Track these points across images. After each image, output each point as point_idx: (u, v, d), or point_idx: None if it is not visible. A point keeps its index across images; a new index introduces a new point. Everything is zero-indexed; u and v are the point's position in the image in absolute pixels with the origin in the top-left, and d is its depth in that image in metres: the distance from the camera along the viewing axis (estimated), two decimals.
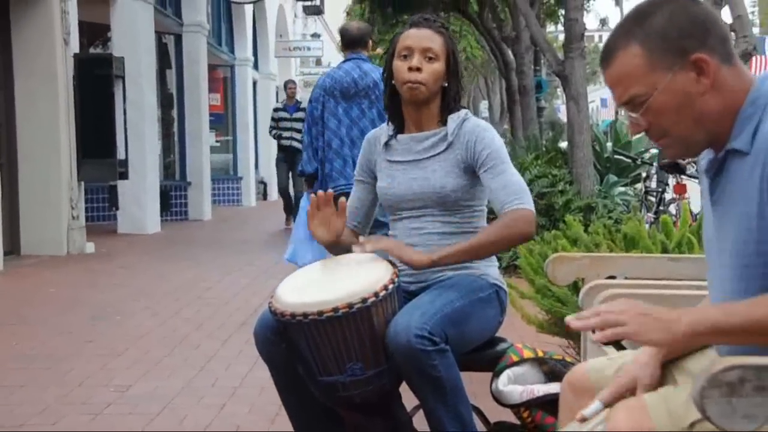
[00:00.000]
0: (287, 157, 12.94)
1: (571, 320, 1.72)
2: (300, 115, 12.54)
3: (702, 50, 1.66)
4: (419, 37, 2.78)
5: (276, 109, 13.48)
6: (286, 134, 12.87)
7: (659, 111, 1.69)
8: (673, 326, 1.61)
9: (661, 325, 1.62)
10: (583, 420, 1.73)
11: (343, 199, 2.81)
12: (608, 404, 1.72)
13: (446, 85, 2.82)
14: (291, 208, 12.78)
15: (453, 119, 2.83)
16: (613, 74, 1.74)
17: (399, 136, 2.90)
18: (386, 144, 2.91)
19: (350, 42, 5.28)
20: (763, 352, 1.55)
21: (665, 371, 1.76)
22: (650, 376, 1.78)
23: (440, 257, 2.66)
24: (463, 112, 2.86)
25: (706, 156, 1.79)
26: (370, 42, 5.40)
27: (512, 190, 2.69)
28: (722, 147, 1.70)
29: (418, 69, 2.75)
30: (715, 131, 1.69)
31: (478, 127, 2.80)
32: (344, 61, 5.23)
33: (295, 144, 12.37)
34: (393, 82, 2.83)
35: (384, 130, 2.95)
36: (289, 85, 13.54)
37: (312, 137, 5.15)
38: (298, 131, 12.29)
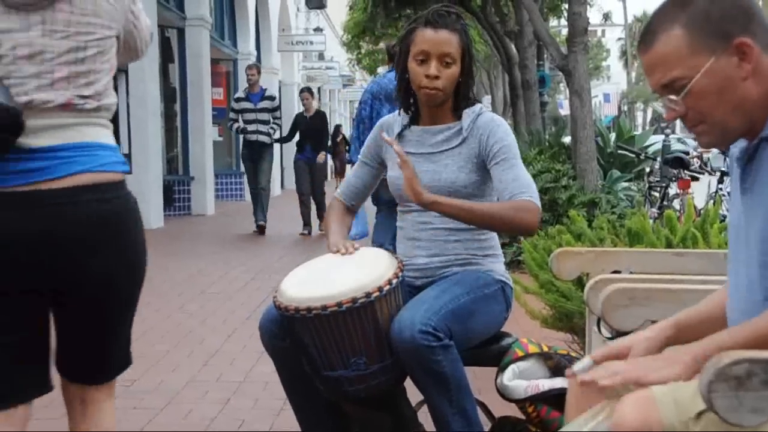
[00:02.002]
0: (253, 153, 11.54)
1: (582, 375, 1.74)
2: (266, 104, 11.50)
3: (745, 35, 1.65)
4: (436, 42, 2.72)
5: (237, 99, 11.79)
6: (251, 128, 11.46)
7: (700, 95, 1.68)
8: (680, 358, 1.64)
9: (667, 362, 1.66)
10: (573, 375, 1.74)
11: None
12: (597, 361, 1.73)
13: (460, 79, 2.80)
14: (263, 209, 11.57)
15: (468, 114, 2.81)
16: (653, 57, 1.72)
17: (413, 127, 2.89)
18: (399, 134, 2.90)
19: (393, 57, 6.15)
20: None
21: None
22: (645, 350, 1.78)
23: (435, 201, 2.62)
24: (477, 106, 2.84)
25: (738, 144, 1.78)
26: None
27: (521, 184, 2.68)
28: (756, 135, 1.70)
29: (437, 77, 2.74)
30: (752, 119, 1.69)
31: (492, 122, 2.79)
32: (388, 71, 6.09)
33: (262, 138, 11.42)
34: (407, 77, 2.81)
35: (397, 118, 2.93)
36: (249, 71, 11.70)
37: (359, 132, 5.90)
38: (265, 123, 11.43)
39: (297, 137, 11.95)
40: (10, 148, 1.98)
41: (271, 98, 11.70)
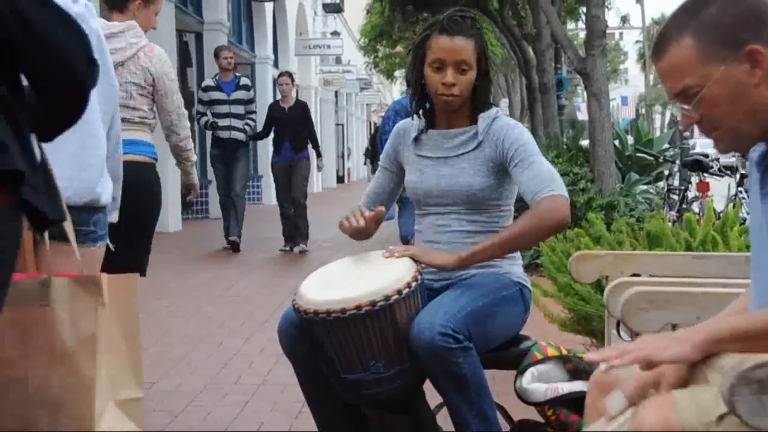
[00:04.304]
0: (225, 154, 9.60)
1: (591, 355, 1.76)
2: (241, 94, 9.63)
3: (756, 41, 1.65)
4: (452, 49, 2.72)
5: (206, 88, 9.75)
6: (223, 122, 9.53)
7: (712, 103, 1.69)
8: (689, 337, 1.64)
9: (676, 341, 1.66)
10: (611, 418, 1.72)
11: (380, 208, 2.83)
12: (631, 398, 1.71)
13: (477, 83, 2.80)
14: (237, 220, 9.66)
15: (483, 118, 2.81)
16: (665, 66, 1.73)
17: (429, 131, 2.89)
18: (416, 138, 2.90)
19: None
20: None
21: (695, 370, 1.75)
22: (675, 372, 1.77)
23: (469, 255, 2.66)
24: (493, 110, 2.84)
25: (758, 148, 1.78)
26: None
27: (542, 179, 2.67)
28: None
29: (453, 84, 2.74)
30: (766, 123, 1.69)
31: (507, 126, 2.79)
32: (406, 94, 7.33)
33: (236, 135, 9.57)
34: (423, 82, 2.81)
35: (414, 123, 2.94)
36: (223, 54, 9.76)
37: (382, 144, 6.76)
38: (239, 117, 9.57)
39: (273, 134, 10.07)
40: None
41: (247, 87, 9.81)
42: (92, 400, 2.10)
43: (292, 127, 9.84)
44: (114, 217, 2.99)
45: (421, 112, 2.87)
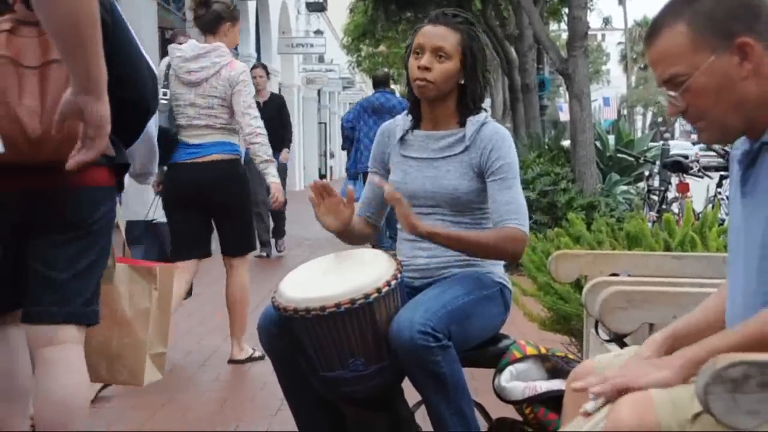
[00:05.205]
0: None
1: (576, 384, 1.79)
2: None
3: (748, 34, 1.66)
4: (432, 35, 2.74)
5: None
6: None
7: (698, 92, 1.70)
8: (670, 363, 1.67)
9: (657, 366, 1.68)
10: (587, 415, 1.73)
11: (350, 187, 2.84)
12: (608, 397, 1.72)
13: (462, 82, 2.79)
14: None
15: (472, 122, 2.79)
16: (656, 52, 1.74)
17: (415, 132, 2.88)
18: (402, 138, 2.90)
19: (378, 83, 9.44)
20: None
21: None
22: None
23: (431, 233, 2.66)
24: (482, 115, 2.82)
25: (741, 146, 1.79)
26: (390, 81, 8.97)
27: (514, 209, 2.70)
28: (758, 137, 1.70)
29: (427, 68, 2.73)
30: (752, 118, 1.70)
31: (497, 134, 2.77)
32: (374, 93, 8.96)
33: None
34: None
35: (399, 123, 2.93)
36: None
37: (349, 142, 8.61)
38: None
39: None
40: (181, 144, 4.61)
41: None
42: (143, 357, 2.91)
43: (267, 124, 9.32)
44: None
45: (411, 111, 2.87)
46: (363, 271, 2.57)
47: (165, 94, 4.54)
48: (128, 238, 3.21)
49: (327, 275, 2.63)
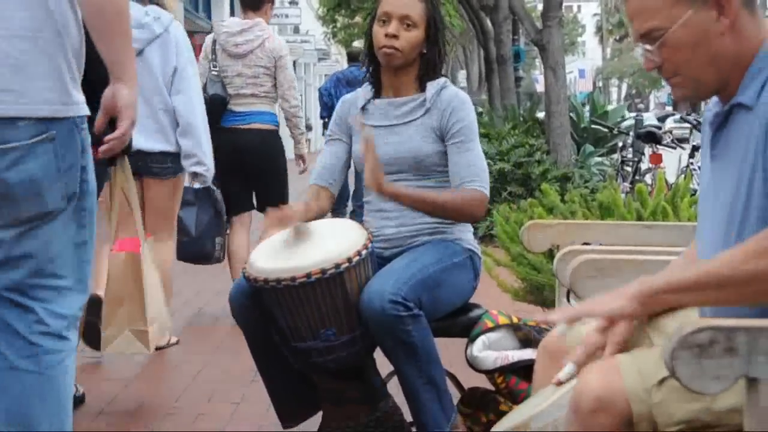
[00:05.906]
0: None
1: (538, 317, 1.93)
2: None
3: None
4: (399, 3, 2.74)
5: None
6: None
7: (675, 46, 1.69)
8: (625, 291, 1.70)
9: (614, 295, 1.72)
10: (560, 384, 1.74)
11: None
12: (580, 365, 1.73)
13: (425, 51, 2.79)
14: None
15: (432, 85, 2.80)
16: (634, 5, 1.74)
17: (376, 101, 2.87)
18: (363, 108, 2.89)
19: (353, 58, 9.31)
20: (753, 312, 1.57)
21: (641, 334, 1.77)
22: (620, 334, 1.79)
23: (392, 192, 2.64)
24: (442, 80, 2.83)
25: (712, 108, 1.79)
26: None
27: (474, 171, 2.71)
28: (729, 99, 1.70)
29: (395, 36, 2.72)
30: (726, 77, 1.70)
31: (456, 98, 2.79)
32: (348, 67, 9.15)
33: None
34: (372, 42, 2.80)
35: (360, 93, 2.93)
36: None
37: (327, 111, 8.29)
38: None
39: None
40: (228, 111, 5.07)
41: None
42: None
43: None
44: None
45: (369, 77, 2.86)
46: (333, 241, 2.56)
47: (215, 66, 5.04)
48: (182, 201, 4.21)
49: (298, 246, 2.62)
